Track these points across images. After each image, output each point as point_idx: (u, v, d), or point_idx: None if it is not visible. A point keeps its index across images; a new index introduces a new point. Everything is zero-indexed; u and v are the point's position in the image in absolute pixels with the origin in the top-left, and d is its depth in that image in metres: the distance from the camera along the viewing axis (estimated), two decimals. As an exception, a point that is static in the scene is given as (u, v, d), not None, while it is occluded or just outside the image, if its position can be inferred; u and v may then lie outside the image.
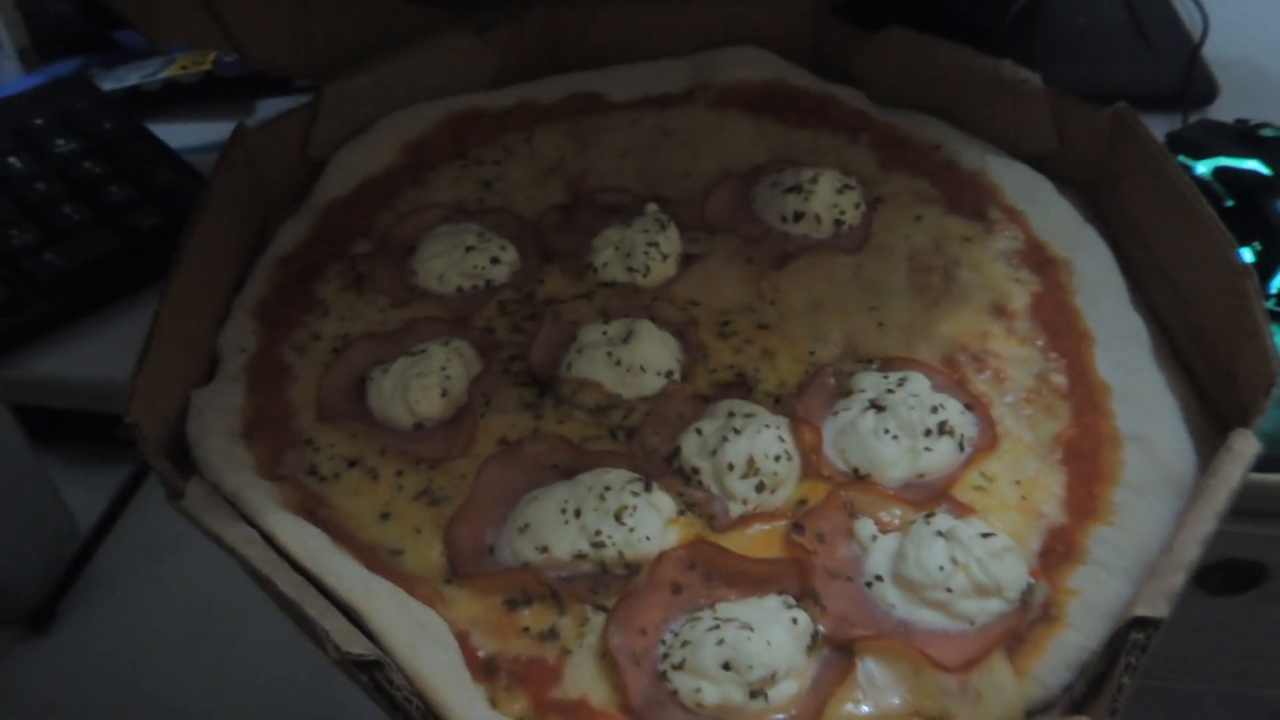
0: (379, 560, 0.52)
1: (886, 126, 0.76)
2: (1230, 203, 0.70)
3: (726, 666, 0.46)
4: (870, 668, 0.47)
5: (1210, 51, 0.88)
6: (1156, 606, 0.43)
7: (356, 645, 0.44)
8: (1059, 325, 0.62)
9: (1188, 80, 0.85)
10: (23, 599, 1.24)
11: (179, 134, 0.85)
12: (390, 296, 0.67)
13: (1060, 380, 0.59)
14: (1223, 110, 0.83)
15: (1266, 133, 0.74)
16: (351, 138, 0.76)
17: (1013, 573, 0.49)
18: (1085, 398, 0.58)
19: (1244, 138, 0.74)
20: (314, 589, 0.47)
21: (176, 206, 0.76)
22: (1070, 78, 0.71)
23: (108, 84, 0.92)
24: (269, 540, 0.49)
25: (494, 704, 0.47)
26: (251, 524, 0.50)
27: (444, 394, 0.59)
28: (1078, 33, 0.93)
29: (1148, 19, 0.93)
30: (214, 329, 0.64)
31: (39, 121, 0.82)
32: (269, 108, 0.90)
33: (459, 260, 0.67)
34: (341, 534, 0.52)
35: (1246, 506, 0.49)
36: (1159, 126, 0.74)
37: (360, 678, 0.44)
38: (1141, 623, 0.43)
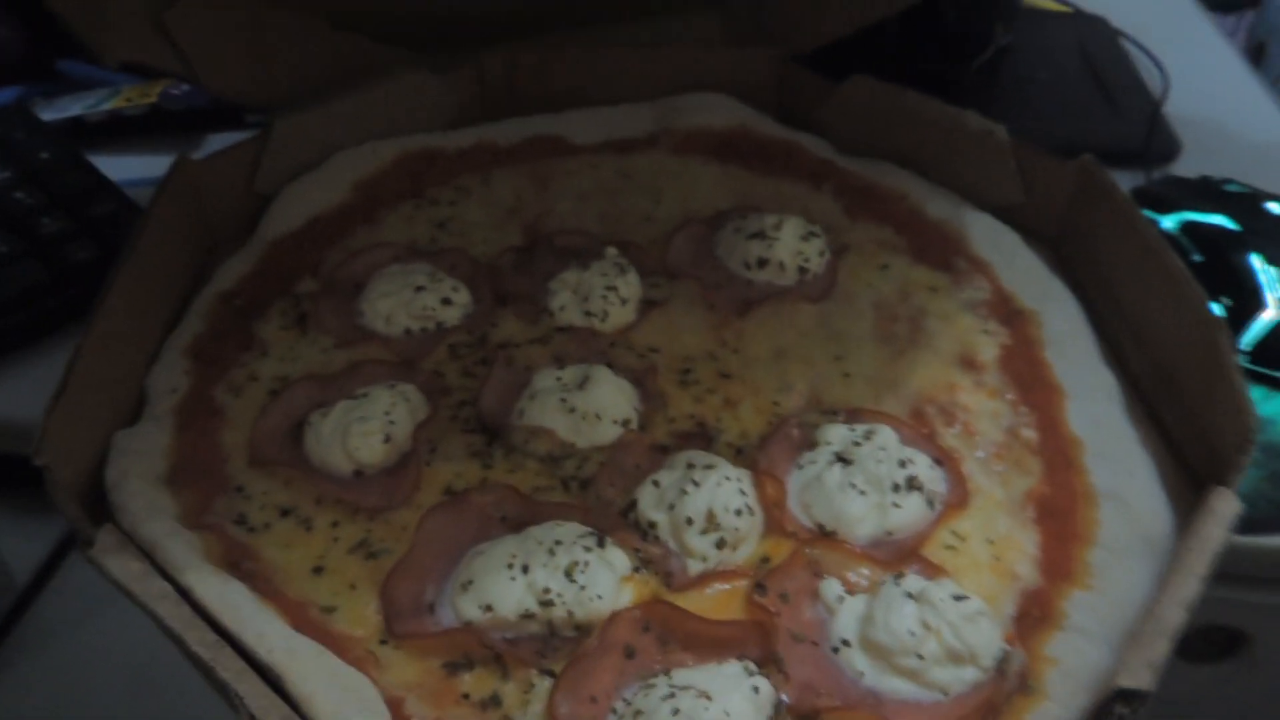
0: (309, 618, 0.48)
1: (851, 175, 0.75)
2: (1198, 257, 0.70)
3: (682, 738, 0.42)
4: (836, 740, 0.44)
5: (1171, 109, 0.89)
6: (1140, 677, 0.41)
7: (274, 713, 0.40)
8: (1029, 378, 0.60)
9: (1150, 137, 0.85)
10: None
11: (123, 167, 0.82)
12: (334, 336, 0.63)
13: (1031, 435, 0.57)
14: (1185, 167, 0.84)
15: (1231, 188, 0.74)
16: (301, 173, 0.73)
17: (987, 638, 0.46)
18: (1058, 453, 0.56)
19: (1209, 193, 0.73)
20: (231, 649, 0.43)
21: (114, 239, 0.72)
22: (1032, 132, 0.71)
23: (48, 114, 0.89)
24: (186, 595, 0.45)
25: (428, 779, 0.43)
26: (168, 577, 0.46)
27: (387, 440, 0.55)
28: (1040, 88, 0.94)
29: (1108, 76, 0.94)
30: (144, 367, 0.60)
31: (-30, 150, 0.78)
32: (217, 142, 0.87)
33: (408, 301, 0.64)
34: (269, 589, 0.48)
35: (1228, 570, 0.47)
36: (1122, 182, 0.73)
37: (278, 750, 0.40)
38: (1125, 695, 0.40)
